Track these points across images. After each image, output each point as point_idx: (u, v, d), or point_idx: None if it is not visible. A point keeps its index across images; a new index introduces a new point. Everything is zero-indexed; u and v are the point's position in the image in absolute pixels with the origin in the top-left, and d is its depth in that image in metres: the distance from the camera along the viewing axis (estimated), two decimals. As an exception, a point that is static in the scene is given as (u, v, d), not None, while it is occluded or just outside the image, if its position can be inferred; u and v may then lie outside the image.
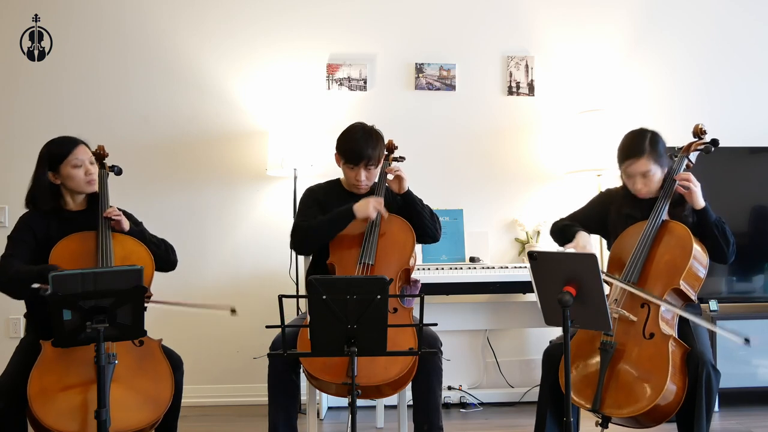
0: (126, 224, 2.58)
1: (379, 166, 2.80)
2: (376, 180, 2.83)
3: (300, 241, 2.76)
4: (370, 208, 2.66)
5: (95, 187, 2.60)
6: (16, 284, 2.38)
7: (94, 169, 2.60)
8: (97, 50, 3.99)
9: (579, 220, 2.81)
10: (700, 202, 2.55)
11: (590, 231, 2.78)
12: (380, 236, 2.69)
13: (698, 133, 2.68)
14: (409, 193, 2.81)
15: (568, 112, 4.05)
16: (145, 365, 2.39)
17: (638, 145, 2.59)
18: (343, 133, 2.81)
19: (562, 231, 2.77)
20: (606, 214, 2.77)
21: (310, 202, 2.85)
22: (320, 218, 2.72)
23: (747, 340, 2.27)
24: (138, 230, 2.64)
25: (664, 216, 2.56)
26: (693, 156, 2.67)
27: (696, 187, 2.54)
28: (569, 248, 2.63)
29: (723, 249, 2.54)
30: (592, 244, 2.68)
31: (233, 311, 2.39)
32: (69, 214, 2.59)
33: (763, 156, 3.88)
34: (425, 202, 2.87)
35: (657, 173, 2.60)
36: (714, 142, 2.65)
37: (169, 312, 3.74)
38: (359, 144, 2.71)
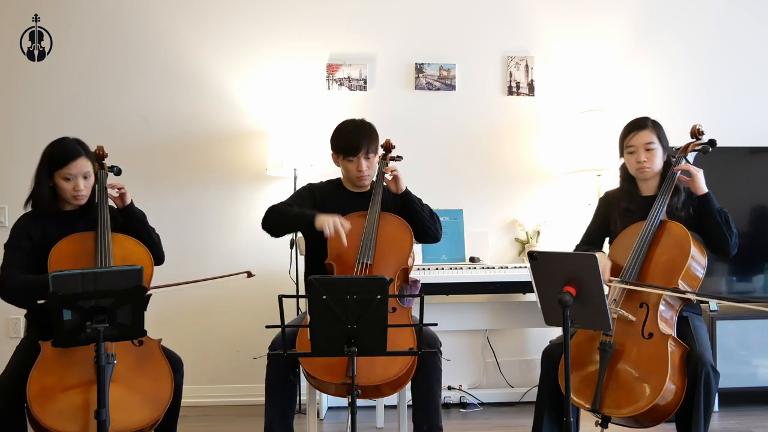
0: (128, 197, 2.62)
1: (377, 155, 2.82)
2: (374, 179, 2.84)
3: (267, 219, 2.77)
4: (329, 224, 2.57)
5: (81, 202, 2.55)
6: (24, 294, 2.38)
7: (86, 184, 2.53)
8: (97, 50, 3.99)
9: (593, 237, 2.85)
10: (703, 188, 2.56)
11: (603, 239, 2.83)
12: (378, 236, 2.68)
13: (696, 133, 2.68)
14: (407, 192, 2.81)
15: (568, 112, 4.05)
16: (144, 365, 2.39)
17: (642, 120, 2.71)
18: (335, 130, 2.85)
19: None
20: (608, 217, 2.80)
21: (303, 193, 2.88)
22: (291, 209, 2.74)
23: None
24: (142, 213, 2.67)
25: (662, 216, 2.56)
26: (690, 156, 2.67)
27: (698, 172, 2.55)
28: None
29: (726, 238, 2.53)
30: (605, 263, 2.63)
31: (250, 274, 2.40)
32: (64, 213, 2.58)
33: (763, 156, 3.87)
34: (425, 202, 2.87)
35: (659, 151, 2.65)
36: (711, 142, 2.65)
37: (169, 312, 3.75)
38: (354, 135, 2.77)
